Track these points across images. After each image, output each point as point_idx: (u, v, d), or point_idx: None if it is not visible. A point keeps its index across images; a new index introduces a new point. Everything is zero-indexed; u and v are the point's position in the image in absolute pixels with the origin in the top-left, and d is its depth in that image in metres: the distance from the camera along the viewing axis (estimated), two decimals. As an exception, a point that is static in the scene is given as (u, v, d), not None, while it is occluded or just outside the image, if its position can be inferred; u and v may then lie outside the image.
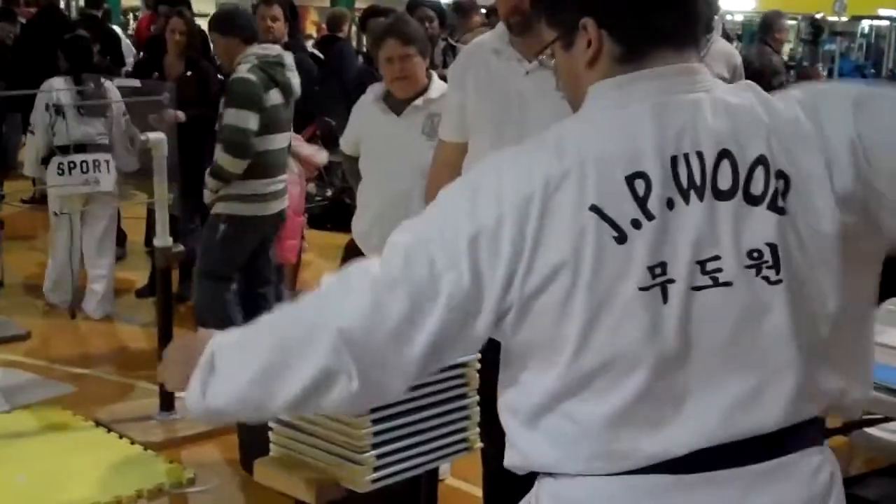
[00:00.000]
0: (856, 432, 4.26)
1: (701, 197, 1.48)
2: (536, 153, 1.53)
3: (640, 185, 1.47)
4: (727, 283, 1.48)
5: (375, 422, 2.31)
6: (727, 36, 16.22)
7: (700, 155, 1.49)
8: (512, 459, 1.64)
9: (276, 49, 5.34)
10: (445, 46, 8.21)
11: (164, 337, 4.75)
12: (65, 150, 6.11)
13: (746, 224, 1.49)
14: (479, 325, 1.51)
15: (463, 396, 2.51)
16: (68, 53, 6.40)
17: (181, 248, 4.91)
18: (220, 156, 5.12)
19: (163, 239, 4.74)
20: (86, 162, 6.07)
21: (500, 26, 3.18)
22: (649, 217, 1.46)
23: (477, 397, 2.54)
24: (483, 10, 8.87)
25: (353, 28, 11.14)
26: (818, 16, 20.48)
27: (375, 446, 2.32)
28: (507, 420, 1.62)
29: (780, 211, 1.49)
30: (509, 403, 1.61)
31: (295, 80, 5.30)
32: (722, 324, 1.49)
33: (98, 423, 4.73)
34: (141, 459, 4.40)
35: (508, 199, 1.48)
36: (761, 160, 1.50)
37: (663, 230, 1.47)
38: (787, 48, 25.21)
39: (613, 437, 1.51)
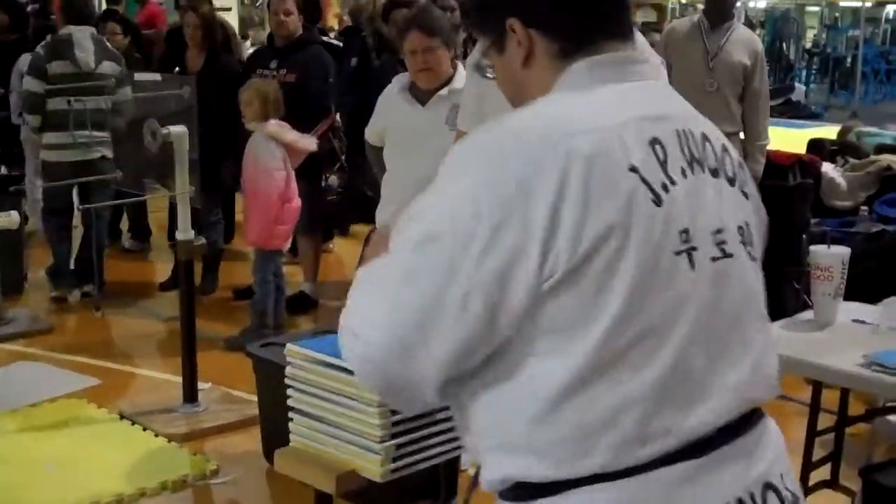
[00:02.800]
0: (878, 419, 4.25)
1: (703, 170, 1.52)
2: (559, 117, 1.47)
3: (659, 151, 1.47)
4: (731, 255, 1.51)
5: (394, 412, 2.31)
6: (750, 23, 16.15)
7: (692, 133, 1.53)
8: (508, 469, 1.49)
9: (69, 30, 6.49)
10: (466, 37, 8.19)
11: (187, 329, 4.78)
12: None
13: (732, 201, 1.55)
14: (516, 294, 1.40)
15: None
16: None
17: (203, 240, 4.93)
18: (25, 114, 6.65)
19: (185, 232, 4.76)
20: None
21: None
22: (672, 182, 1.46)
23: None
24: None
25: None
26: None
27: (394, 436, 2.32)
28: (510, 423, 1.47)
29: (746, 195, 1.60)
30: (514, 402, 1.46)
31: (82, 54, 6.42)
32: (734, 296, 1.51)
33: (122, 416, 4.77)
34: (164, 451, 4.44)
35: (544, 156, 1.41)
36: (726, 148, 1.59)
37: (684, 196, 1.47)
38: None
39: (644, 418, 1.43)
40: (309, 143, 5.91)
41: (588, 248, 1.39)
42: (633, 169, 1.43)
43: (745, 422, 1.53)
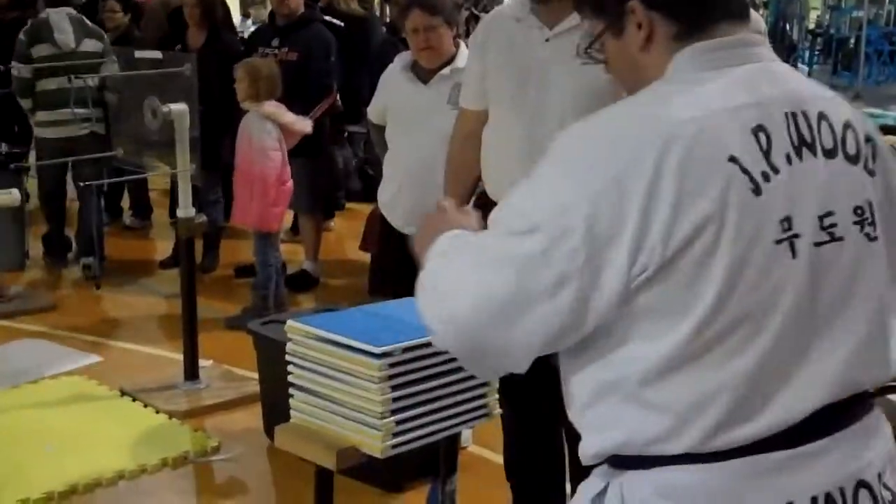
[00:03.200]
0: (878, 399, 4.24)
1: (814, 153, 1.51)
2: (657, 109, 1.49)
3: (763, 139, 1.47)
4: (840, 238, 1.51)
5: (395, 388, 2.31)
6: (753, 3, 16.09)
7: (805, 114, 1.52)
8: (606, 444, 1.54)
9: (47, 12, 6.70)
10: (469, 16, 8.17)
11: (188, 307, 4.78)
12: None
13: (850, 182, 1.54)
14: (608, 287, 1.43)
15: (482, 363, 2.51)
16: None
17: (204, 218, 4.92)
18: (18, 98, 6.79)
19: (186, 210, 4.76)
20: None
21: (522, -6, 3.16)
22: (775, 170, 1.46)
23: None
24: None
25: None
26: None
27: (394, 412, 2.32)
28: (605, 401, 1.52)
29: (871, 173, 1.57)
30: (607, 382, 1.51)
31: (61, 35, 6.61)
32: (837, 280, 1.51)
33: (123, 393, 4.78)
34: (166, 428, 4.45)
35: (639, 149, 1.42)
36: (849, 124, 1.57)
37: (787, 184, 1.47)
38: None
39: (736, 405, 1.45)
40: (305, 125, 5.90)
41: (683, 240, 1.40)
42: (733, 159, 1.44)
43: (846, 414, 1.52)
